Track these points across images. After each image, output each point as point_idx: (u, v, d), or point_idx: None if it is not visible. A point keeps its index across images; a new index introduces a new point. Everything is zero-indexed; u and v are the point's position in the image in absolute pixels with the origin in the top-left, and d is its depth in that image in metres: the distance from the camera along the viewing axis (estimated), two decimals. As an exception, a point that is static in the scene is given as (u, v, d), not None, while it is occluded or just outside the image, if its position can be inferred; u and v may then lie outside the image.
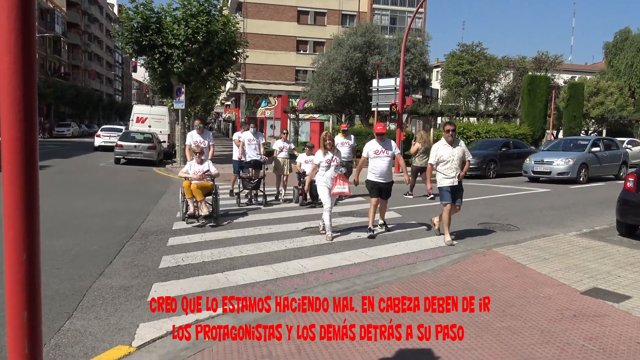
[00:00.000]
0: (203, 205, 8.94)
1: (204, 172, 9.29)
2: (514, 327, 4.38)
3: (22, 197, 1.59)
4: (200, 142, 10.32)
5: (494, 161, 19.53)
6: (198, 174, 9.26)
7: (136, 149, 21.70)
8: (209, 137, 10.72)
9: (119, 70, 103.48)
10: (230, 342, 4.05)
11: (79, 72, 71.23)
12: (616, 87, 45.59)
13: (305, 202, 11.28)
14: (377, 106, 21.42)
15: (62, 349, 3.92)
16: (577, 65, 72.33)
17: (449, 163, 7.88)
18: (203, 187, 9.05)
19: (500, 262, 6.60)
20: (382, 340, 4.09)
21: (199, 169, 9.32)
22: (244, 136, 11.91)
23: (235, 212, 10.54)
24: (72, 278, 5.71)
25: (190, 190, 8.92)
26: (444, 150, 7.96)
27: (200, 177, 9.22)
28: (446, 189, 7.89)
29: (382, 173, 8.28)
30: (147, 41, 20.29)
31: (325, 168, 8.31)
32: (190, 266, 6.33)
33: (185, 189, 9.03)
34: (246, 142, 11.80)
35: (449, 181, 7.87)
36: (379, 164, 8.26)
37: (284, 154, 12.42)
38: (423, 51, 34.12)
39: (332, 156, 8.35)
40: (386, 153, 8.26)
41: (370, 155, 8.33)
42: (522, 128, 28.89)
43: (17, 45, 1.52)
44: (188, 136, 10.69)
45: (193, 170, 9.30)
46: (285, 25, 46.56)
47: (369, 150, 8.36)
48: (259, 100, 47.65)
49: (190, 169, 9.33)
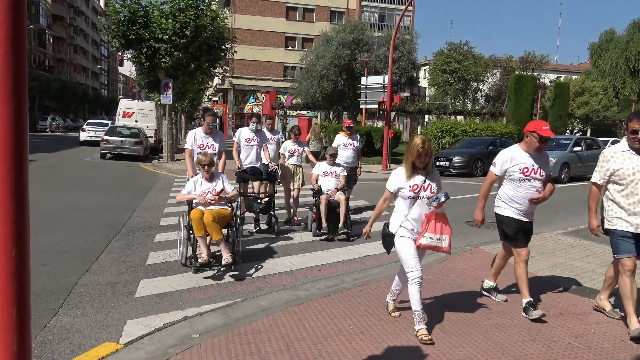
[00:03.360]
0: (224, 247, 5.73)
1: (217, 193, 6.10)
2: (501, 325, 4.42)
3: (11, 191, 1.57)
4: (209, 146, 7.02)
5: (481, 159, 19.66)
6: (207, 195, 6.08)
7: (122, 144, 21.51)
8: (220, 140, 7.20)
9: (105, 64, 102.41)
10: (219, 339, 4.04)
11: (64, 65, 70.34)
12: (601, 88, 46.20)
13: (319, 232, 7.85)
14: (366, 103, 21.45)
15: (49, 346, 3.88)
16: (563, 65, 73.14)
17: (633, 186, 4.28)
18: (221, 218, 5.89)
19: (487, 260, 6.64)
20: (371, 337, 4.10)
21: (209, 187, 6.17)
22: (240, 135, 8.56)
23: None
24: (58, 274, 5.65)
25: (203, 223, 5.75)
26: (626, 161, 4.33)
27: (214, 201, 6.06)
28: (626, 236, 4.33)
29: None
30: (135, 35, 20.09)
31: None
32: (178, 262, 6.29)
33: (194, 222, 5.73)
34: (242, 142, 8.49)
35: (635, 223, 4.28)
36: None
37: (294, 159, 9.03)
38: (411, 49, 34.23)
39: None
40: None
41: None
42: (509, 127, 29.07)
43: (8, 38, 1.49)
44: (190, 137, 7.09)
45: (201, 190, 6.13)
46: (274, 21, 46.42)
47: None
48: (247, 96, 47.48)
49: (195, 188, 6.19)
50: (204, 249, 5.85)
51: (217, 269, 6.01)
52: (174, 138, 23.66)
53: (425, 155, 4.18)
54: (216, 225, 5.74)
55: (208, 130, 7.05)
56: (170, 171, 18.19)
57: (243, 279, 5.72)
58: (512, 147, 4.96)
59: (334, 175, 8.30)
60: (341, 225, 7.79)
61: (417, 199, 4.22)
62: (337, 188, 8.12)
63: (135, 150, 21.58)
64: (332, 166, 8.39)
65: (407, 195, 4.22)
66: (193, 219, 5.77)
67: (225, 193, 6.22)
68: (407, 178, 4.22)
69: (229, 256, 5.67)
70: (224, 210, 6.05)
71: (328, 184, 8.19)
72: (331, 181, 8.23)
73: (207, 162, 6.16)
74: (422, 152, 4.14)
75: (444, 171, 19.51)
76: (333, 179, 8.27)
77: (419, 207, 4.24)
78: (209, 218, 5.73)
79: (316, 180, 8.28)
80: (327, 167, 8.38)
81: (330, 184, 8.19)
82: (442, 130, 25.57)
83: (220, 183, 6.25)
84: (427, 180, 4.25)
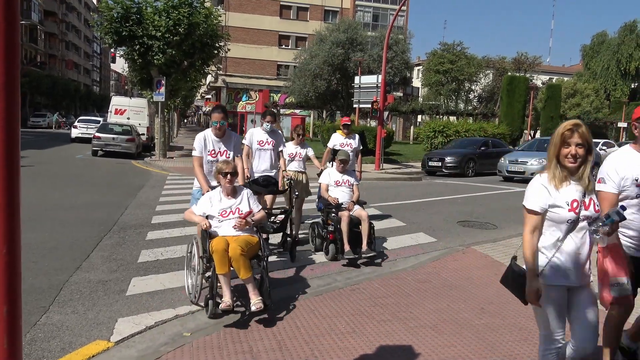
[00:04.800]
0: (252, 287, 4.41)
1: (245, 216, 4.69)
2: (493, 325, 4.44)
3: (2, 188, 1.55)
4: (221, 152, 5.45)
5: (473, 160, 19.74)
6: (229, 214, 4.70)
7: (114, 141, 21.39)
8: (235, 145, 5.60)
9: (97, 60, 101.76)
10: (211, 337, 4.03)
11: (56, 61, 69.81)
12: (592, 89, 46.55)
13: (342, 256, 6.30)
14: (359, 103, 21.48)
15: (39, 344, 3.85)
16: (555, 66, 73.63)
17: None
18: (249, 249, 4.52)
19: (479, 260, 6.67)
20: (363, 336, 4.10)
21: (231, 206, 4.74)
22: (252, 137, 6.95)
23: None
24: (48, 272, 5.60)
25: (227, 255, 4.38)
26: None
27: (240, 226, 4.64)
28: None
29: None
30: (127, 32, 19.99)
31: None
32: (169, 260, 6.27)
33: (217, 256, 4.34)
34: (254, 145, 6.90)
35: None
36: None
37: (296, 165, 7.61)
38: (405, 49, 34.35)
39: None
40: None
41: None
42: (501, 128, 29.26)
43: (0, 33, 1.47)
44: (198, 141, 5.43)
45: (219, 209, 4.72)
46: (268, 19, 46.36)
47: None
48: (240, 94, 47.34)
49: (211, 205, 4.76)
50: (227, 290, 4.39)
51: (241, 312, 4.56)
52: (166, 136, 23.56)
53: (581, 148, 2.71)
54: (245, 259, 4.41)
55: (219, 133, 5.39)
56: (162, 169, 18.11)
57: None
58: (624, 152, 3.34)
59: (346, 185, 6.85)
60: (365, 247, 6.32)
61: (576, 222, 2.73)
62: (353, 201, 6.71)
63: (127, 147, 21.46)
64: (344, 174, 6.91)
65: (563, 218, 2.74)
66: (216, 251, 4.34)
67: (254, 216, 4.79)
68: (556, 186, 2.78)
69: (259, 300, 4.32)
70: (251, 238, 4.64)
71: (341, 196, 6.73)
72: (344, 192, 6.79)
73: (230, 170, 4.72)
74: (571, 140, 2.72)
75: (437, 171, 19.58)
76: (346, 190, 6.82)
77: (577, 237, 2.76)
78: (237, 251, 4.36)
79: (326, 190, 6.85)
80: (337, 175, 6.89)
81: (344, 196, 6.75)
82: (435, 131, 25.66)
83: (245, 201, 4.82)
84: (586, 193, 2.77)
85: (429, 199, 12.66)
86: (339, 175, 6.90)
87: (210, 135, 5.44)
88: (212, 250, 4.41)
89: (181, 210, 9.63)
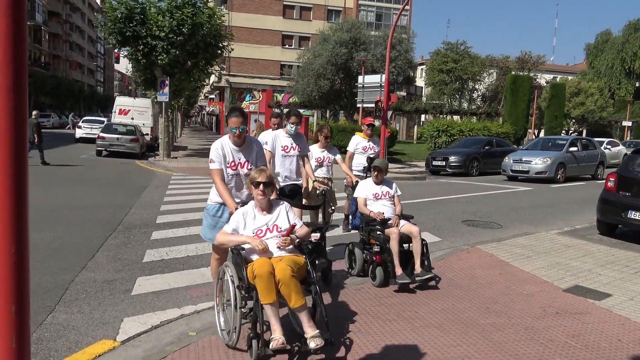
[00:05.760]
0: (307, 320, 3.58)
1: (289, 231, 3.98)
2: (498, 324, 4.43)
3: (11, 188, 1.56)
4: (241, 164, 4.44)
5: (477, 159, 19.71)
6: (265, 233, 4.00)
7: (118, 141, 21.46)
8: (257, 154, 4.58)
9: (101, 61, 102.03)
10: (216, 336, 4.03)
11: (60, 62, 70.05)
12: (597, 88, 46.37)
13: (394, 281, 5.25)
14: (363, 102, 21.45)
15: (45, 343, 3.86)
16: (559, 65, 73.42)
17: None
18: (297, 268, 3.74)
19: (483, 259, 6.66)
20: (368, 335, 4.10)
21: (267, 223, 4.03)
22: (274, 141, 5.90)
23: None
24: (54, 271, 5.62)
25: (274, 280, 3.60)
26: None
27: (284, 245, 3.90)
28: None
29: None
30: (131, 32, 20.03)
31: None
32: (174, 260, 6.28)
33: (262, 281, 3.56)
34: (278, 152, 5.88)
35: None
36: None
37: (324, 171, 7.03)
38: (408, 48, 34.24)
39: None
40: None
41: None
42: (505, 127, 29.21)
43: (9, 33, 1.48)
44: (216, 151, 4.38)
45: (255, 227, 3.99)
46: (271, 19, 46.35)
47: None
48: (243, 94, 47.42)
49: (244, 225, 4.00)
50: (277, 324, 3.55)
51: (295, 348, 3.62)
52: (170, 136, 23.60)
53: None
54: (297, 283, 3.61)
55: (239, 141, 4.40)
56: (166, 169, 18.14)
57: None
58: None
59: (387, 197, 5.82)
60: (418, 268, 5.35)
61: None
62: (398, 215, 5.69)
63: (132, 147, 21.52)
64: (382, 185, 5.89)
65: None
66: (260, 275, 3.53)
67: (297, 232, 4.06)
68: None
69: (317, 334, 3.50)
70: (297, 258, 3.85)
71: (382, 210, 5.69)
72: (386, 206, 5.75)
73: (265, 179, 3.91)
74: None
75: (440, 170, 19.55)
76: (387, 203, 5.79)
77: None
78: (286, 272, 3.55)
79: (364, 205, 5.80)
80: (374, 187, 5.87)
81: (386, 210, 5.70)
82: (439, 130, 25.63)
83: (284, 215, 4.05)
84: None
85: (432, 198, 12.64)
86: (376, 187, 5.88)
87: (228, 144, 4.41)
88: (253, 275, 3.60)
89: (186, 210, 9.68)
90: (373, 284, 5.41)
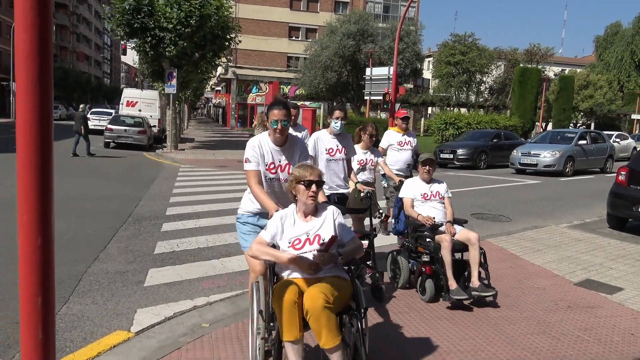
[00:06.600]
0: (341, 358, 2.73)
1: (328, 245, 3.02)
2: (510, 317, 4.43)
3: (36, 180, 1.57)
4: (282, 167, 3.60)
5: (485, 152, 19.62)
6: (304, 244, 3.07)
7: (126, 133, 21.54)
8: (301, 155, 3.67)
9: (108, 52, 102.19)
10: (229, 328, 4.05)
11: (67, 53, 70.26)
12: (605, 81, 46.01)
13: (447, 296, 4.54)
14: (370, 95, 21.41)
15: (60, 334, 3.90)
16: (567, 58, 72.84)
17: None
18: (336, 299, 2.79)
19: (494, 252, 6.64)
20: (379, 328, 4.11)
21: (308, 232, 3.11)
22: (316, 143, 5.02)
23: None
24: (67, 262, 5.67)
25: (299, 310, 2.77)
26: None
27: (322, 262, 2.93)
28: None
29: None
30: (139, 24, 20.03)
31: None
32: (185, 252, 6.31)
33: (284, 310, 2.74)
34: (322, 156, 5.02)
35: None
36: None
37: (367, 175, 6.14)
38: (416, 40, 34.10)
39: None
40: None
41: None
42: (513, 120, 29.03)
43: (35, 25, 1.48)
44: (252, 149, 3.52)
45: (293, 236, 3.10)
46: (278, 10, 46.20)
47: None
48: (250, 86, 47.40)
49: (282, 231, 3.12)
50: None
51: None
52: (177, 128, 23.64)
53: None
54: (331, 316, 2.74)
55: (281, 139, 3.56)
56: (174, 161, 18.20)
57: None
58: None
59: (437, 198, 5.10)
60: (476, 282, 4.63)
61: None
62: (450, 221, 4.98)
63: (139, 139, 21.59)
64: (431, 184, 5.18)
65: None
66: (287, 300, 2.77)
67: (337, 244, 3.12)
68: None
69: None
70: (340, 281, 2.99)
71: (432, 213, 4.95)
72: (437, 209, 5.03)
73: (316, 177, 3.10)
74: None
75: (448, 163, 19.49)
76: (438, 205, 5.08)
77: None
78: (317, 301, 2.71)
79: (411, 207, 5.07)
80: (423, 185, 5.15)
81: (437, 214, 4.97)
82: (446, 123, 25.50)
83: (330, 223, 3.16)
84: None
85: (441, 191, 12.61)
86: (426, 186, 5.12)
87: (267, 143, 3.57)
88: (274, 300, 2.86)
89: (195, 202, 9.71)
90: (422, 299, 4.77)
